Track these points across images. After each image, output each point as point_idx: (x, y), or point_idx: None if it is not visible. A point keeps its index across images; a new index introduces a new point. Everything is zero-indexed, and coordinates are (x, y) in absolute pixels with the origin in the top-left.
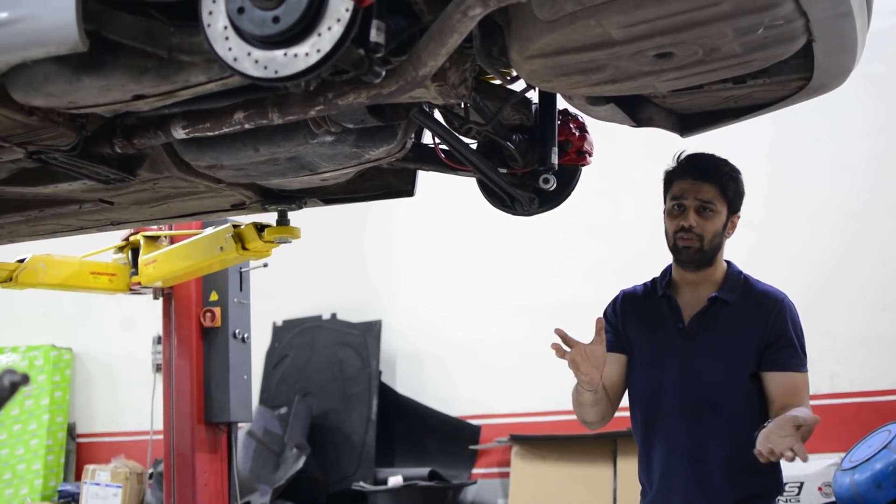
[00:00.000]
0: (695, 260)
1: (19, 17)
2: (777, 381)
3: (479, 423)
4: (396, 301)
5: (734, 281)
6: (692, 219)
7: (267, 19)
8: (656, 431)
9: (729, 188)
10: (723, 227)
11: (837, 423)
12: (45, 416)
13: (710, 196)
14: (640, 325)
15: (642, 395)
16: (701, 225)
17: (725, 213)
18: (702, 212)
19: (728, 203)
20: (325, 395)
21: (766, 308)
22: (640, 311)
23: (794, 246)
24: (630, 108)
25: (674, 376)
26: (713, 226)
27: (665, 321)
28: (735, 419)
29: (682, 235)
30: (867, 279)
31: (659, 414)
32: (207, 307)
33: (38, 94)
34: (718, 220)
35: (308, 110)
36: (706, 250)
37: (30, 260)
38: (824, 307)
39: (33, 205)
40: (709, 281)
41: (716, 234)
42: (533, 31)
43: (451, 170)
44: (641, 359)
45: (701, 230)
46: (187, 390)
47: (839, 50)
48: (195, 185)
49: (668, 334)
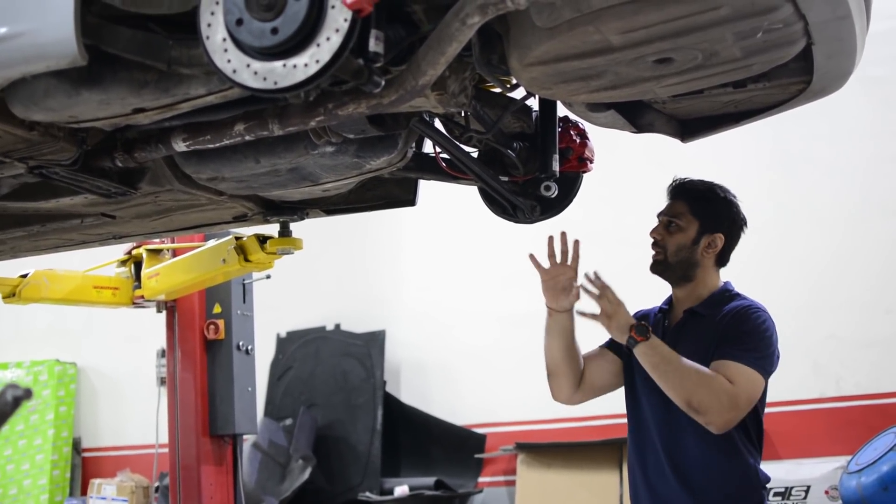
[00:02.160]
0: (661, 272)
1: (18, 32)
2: (713, 366)
3: (484, 432)
4: (400, 311)
5: (718, 298)
6: (657, 232)
7: (265, 31)
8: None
9: (698, 205)
10: (691, 243)
11: (843, 426)
12: (51, 431)
13: (677, 211)
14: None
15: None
16: (665, 238)
17: (695, 230)
18: (668, 226)
19: (698, 220)
20: (330, 405)
21: (730, 317)
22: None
23: (796, 250)
24: (630, 114)
25: (649, 387)
26: (676, 240)
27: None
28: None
29: (652, 248)
30: (870, 282)
31: (639, 425)
32: (211, 320)
33: (39, 108)
34: (683, 235)
35: (308, 121)
36: (671, 262)
37: (33, 275)
38: (828, 311)
39: (35, 220)
40: (693, 297)
41: (680, 248)
42: (532, 38)
43: (453, 178)
44: (628, 371)
45: (664, 242)
46: (192, 403)
47: (839, 53)
48: (197, 197)
49: None
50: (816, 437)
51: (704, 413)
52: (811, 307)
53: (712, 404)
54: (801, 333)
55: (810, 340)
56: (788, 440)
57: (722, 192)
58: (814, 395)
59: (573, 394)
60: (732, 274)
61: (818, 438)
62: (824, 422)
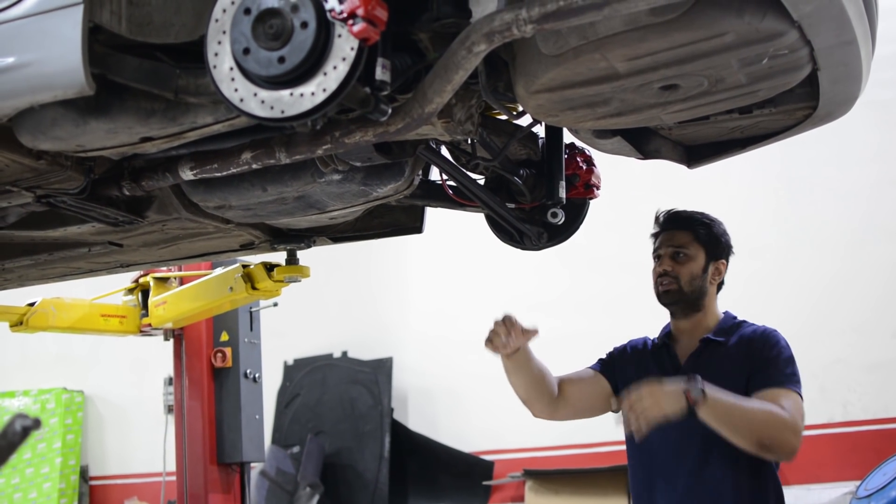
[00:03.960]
0: (676, 302)
1: (26, 61)
2: (759, 395)
3: (492, 459)
4: (407, 338)
5: (728, 325)
6: (667, 264)
7: (272, 59)
8: (658, 475)
9: (701, 233)
10: (702, 271)
11: (852, 451)
12: (58, 460)
13: (682, 241)
14: (638, 374)
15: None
16: (676, 268)
17: (703, 258)
18: (676, 257)
19: (704, 247)
20: (338, 433)
21: (754, 342)
22: (641, 361)
23: (802, 273)
24: (637, 140)
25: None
26: (688, 269)
27: (664, 367)
28: (734, 457)
29: (661, 281)
30: (876, 305)
31: (660, 458)
32: (218, 347)
33: (46, 138)
34: (694, 263)
35: (315, 149)
36: (686, 292)
37: (40, 303)
38: (834, 335)
39: (43, 248)
40: (701, 327)
41: (693, 277)
42: (538, 65)
43: (459, 206)
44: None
45: (676, 273)
46: (199, 431)
47: (844, 78)
48: (204, 225)
49: (665, 377)
50: (825, 463)
51: (776, 449)
52: (817, 331)
53: (781, 439)
54: (807, 357)
55: (816, 365)
56: (797, 466)
57: (715, 220)
58: (821, 420)
59: (553, 412)
60: (739, 297)
61: (827, 464)
62: (832, 447)
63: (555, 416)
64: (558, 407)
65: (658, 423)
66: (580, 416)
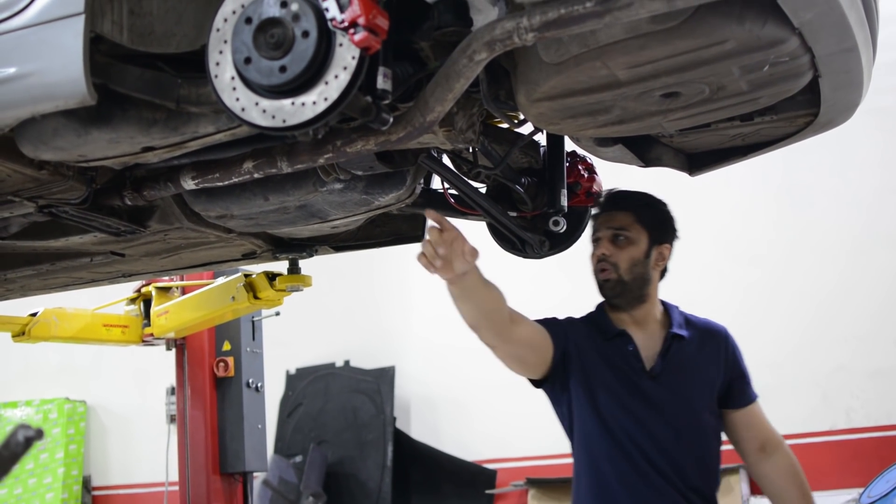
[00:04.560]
0: (616, 293)
1: (27, 72)
2: (746, 416)
3: (494, 467)
4: (409, 346)
5: (678, 317)
6: (605, 247)
7: (274, 69)
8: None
9: (644, 214)
10: (644, 256)
11: (855, 458)
12: (61, 470)
13: (623, 223)
14: (601, 365)
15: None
16: (615, 253)
17: (645, 241)
18: (615, 240)
19: (647, 230)
20: (340, 442)
21: (719, 343)
22: (603, 352)
23: (804, 280)
24: (638, 148)
25: (647, 420)
26: (629, 253)
27: (629, 363)
28: (706, 457)
29: (599, 267)
30: (878, 312)
31: (633, 460)
32: (220, 357)
33: (48, 148)
34: (635, 248)
35: (317, 158)
36: (626, 281)
37: (42, 313)
38: (837, 342)
39: (45, 258)
40: (651, 318)
41: (634, 263)
42: (539, 74)
43: (461, 214)
44: (608, 404)
45: (615, 259)
46: (202, 441)
47: (846, 85)
48: (206, 235)
49: (634, 377)
50: (827, 470)
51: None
52: (819, 338)
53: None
54: (809, 365)
55: (819, 372)
56: None
57: (659, 200)
58: (824, 428)
59: (502, 342)
60: (742, 304)
61: (829, 471)
62: (835, 454)
63: (500, 346)
64: (509, 338)
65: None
66: (514, 360)
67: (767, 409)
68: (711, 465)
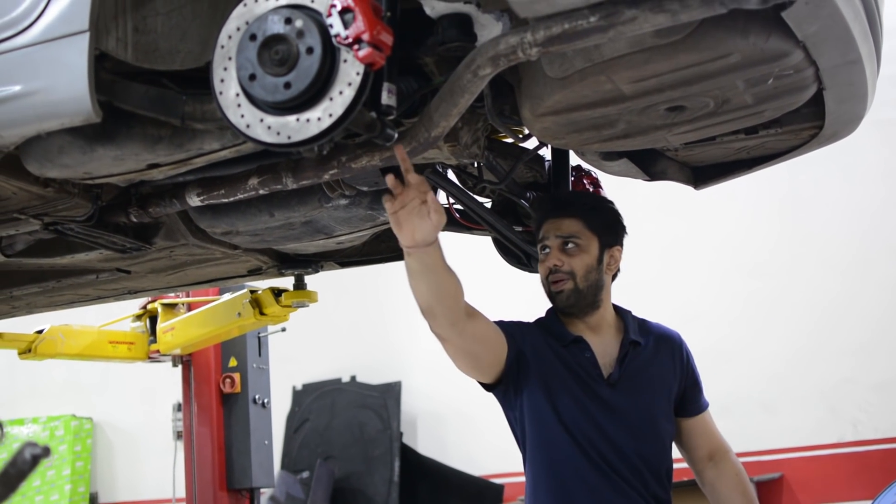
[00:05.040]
0: (573, 304)
1: (33, 89)
2: (698, 424)
3: (501, 482)
4: (415, 362)
5: (631, 320)
6: (556, 257)
7: (279, 85)
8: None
9: (592, 218)
10: (596, 262)
11: (862, 471)
12: (67, 487)
13: (572, 230)
14: (561, 369)
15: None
16: (567, 262)
17: (596, 247)
18: (565, 247)
19: (597, 235)
20: (347, 457)
21: (673, 349)
22: (561, 357)
23: (811, 292)
24: (643, 162)
25: (607, 426)
26: (582, 261)
27: (586, 370)
28: (664, 464)
29: (553, 278)
30: (885, 324)
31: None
32: (227, 373)
33: (53, 165)
34: (587, 255)
35: (322, 174)
36: (582, 289)
37: (48, 331)
38: (843, 354)
39: (50, 275)
40: (605, 324)
41: (589, 270)
42: (544, 88)
43: (466, 229)
44: (570, 408)
45: (570, 267)
46: (209, 457)
47: (850, 97)
48: (211, 251)
49: (593, 384)
50: (835, 483)
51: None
52: (825, 350)
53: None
54: (816, 377)
55: (826, 384)
56: (807, 486)
57: (605, 200)
58: (831, 440)
59: (454, 334)
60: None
61: (837, 484)
62: (843, 467)
63: (452, 339)
64: (463, 330)
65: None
66: (466, 357)
67: (775, 421)
68: (668, 473)
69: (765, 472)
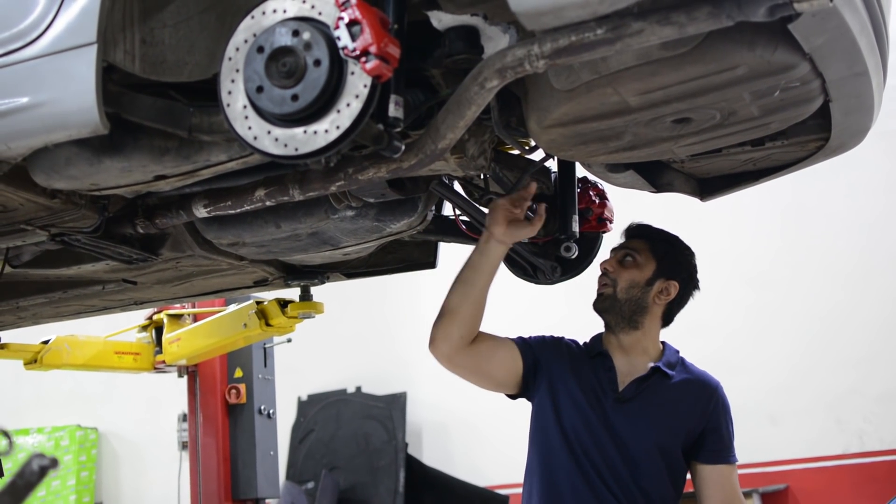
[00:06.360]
0: (607, 309)
1: (40, 101)
2: (714, 474)
3: (507, 493)
4: (421, 372)
5: (672, 358)
6: (610, 264)
7: (286, 97)
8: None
9: (659, 246)
10: (645, 282)
11: (868, 483)
12: (72, 497)
13: (635, 247)
14: (571, 379)
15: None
16: (617, 271)
17: (652, 269)
18: (623, 259)
19: (657, 261)
20: (352, 468)
21: (706, 394)
22: (576, 365)
23: (816, 304)
24: (649, 173)
25: (602, 441)
26: (630, 274)
27: (601, 381)
28: (654, 495)
29: (600, 280)
30: (891, 336)
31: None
32: (232, 384)
33: (60, 177)
34: (638, 271)
35: (329, 186)
36: (620, 299)
37: (54, 341)
38: (849, 365)
39: (57, 286)
40: (640, 349)
41: (632, 285)
42: (550, 100)
43: (473, 241)
44: (572, 417)
45: (616, 276)
46: (214, 467)
47: (856, 109)
48: (218, 262)
49: (601, 395)
50: (841, 494)
51: None
52: (831, 361)
53: None
54: (822, 389)
55: (831, 396)
56: (813, 497)
57: (684, 244)
58: (837, 451)
59: (456, 352)
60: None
61: (843, 495)
62: (848, 478)
63: (455, 357)
64: (467, 352)
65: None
66: (475, 375)
67: (780, 432)
68: (663, 499)
69: (770, 483)
